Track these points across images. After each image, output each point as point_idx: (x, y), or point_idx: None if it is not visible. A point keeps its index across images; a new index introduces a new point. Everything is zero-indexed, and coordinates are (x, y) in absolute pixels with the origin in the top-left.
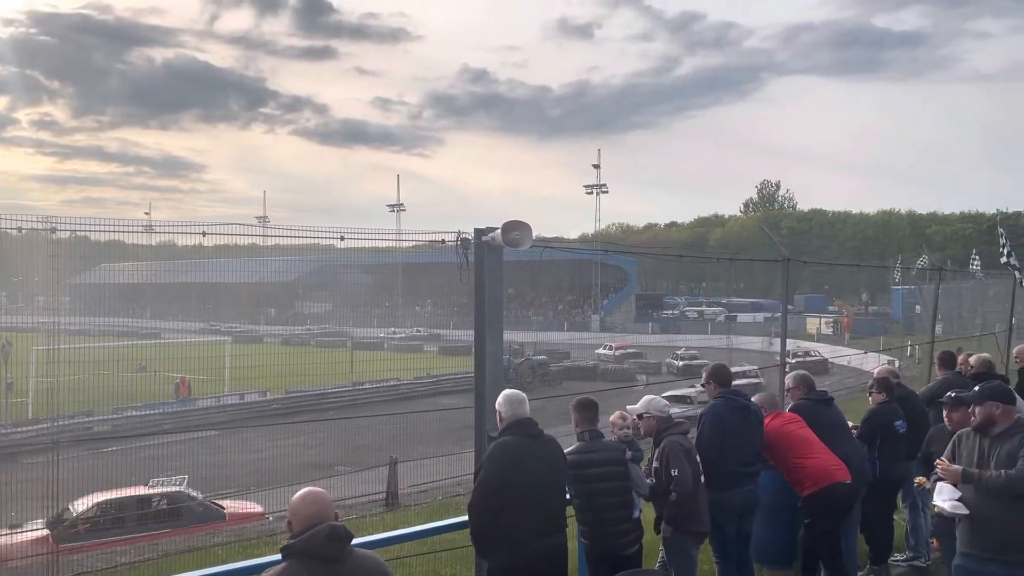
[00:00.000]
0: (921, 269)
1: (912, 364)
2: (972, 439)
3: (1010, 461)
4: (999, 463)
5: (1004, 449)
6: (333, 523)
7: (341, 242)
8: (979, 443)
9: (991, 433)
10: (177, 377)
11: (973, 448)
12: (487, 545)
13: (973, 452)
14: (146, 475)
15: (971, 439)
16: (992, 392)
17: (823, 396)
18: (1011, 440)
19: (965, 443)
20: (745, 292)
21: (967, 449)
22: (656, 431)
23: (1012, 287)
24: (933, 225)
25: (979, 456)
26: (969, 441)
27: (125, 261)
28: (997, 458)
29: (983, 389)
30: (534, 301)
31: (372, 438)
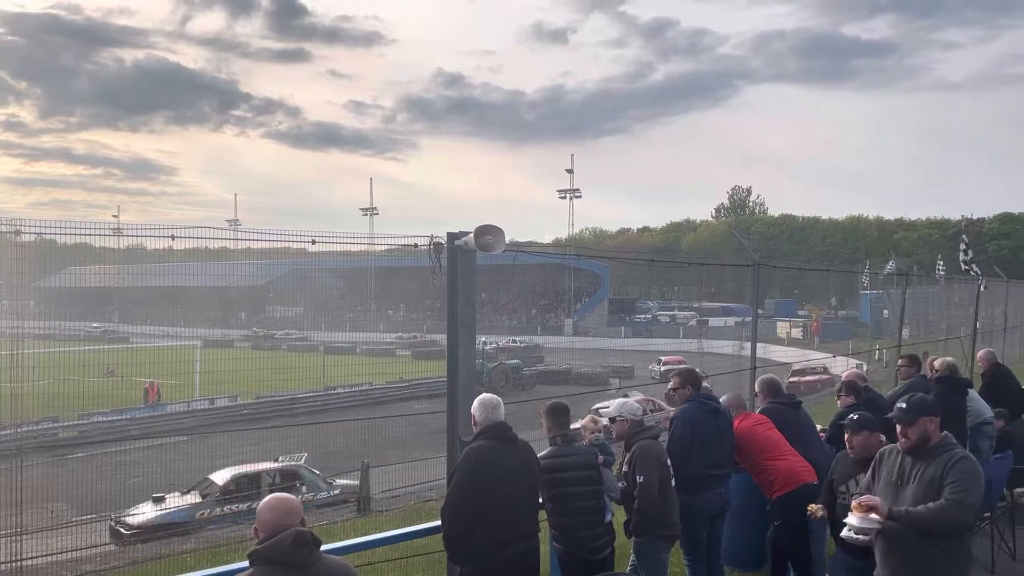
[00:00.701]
0: (889, 274)
1: (880, 368)
2: (894, 456)
3: (932, 487)
4: (921, 486)
5: (927, 472)
6: (299, 528)
7: (313, 246)
8: (900, 461)
9: (921, 452)
10: (146, 382)
11: (893, 466)
12: (460, 550)
13: (893, 470)
14: (114, 481)
15: (893, 456)
16: (922, 407)
17: (791, 399)
18: (935, 461)
19: (886, 461)
20: (716, 297)
21: (887, 468)
22: (628, 435)
23: (975, 292)
24: (900, 231)
25: (898, 476)
26: (890, 459)
27: (93, 264)
28: (919, 480)
29: (911, 406)
30: (507, 306)
31: (344, 443)
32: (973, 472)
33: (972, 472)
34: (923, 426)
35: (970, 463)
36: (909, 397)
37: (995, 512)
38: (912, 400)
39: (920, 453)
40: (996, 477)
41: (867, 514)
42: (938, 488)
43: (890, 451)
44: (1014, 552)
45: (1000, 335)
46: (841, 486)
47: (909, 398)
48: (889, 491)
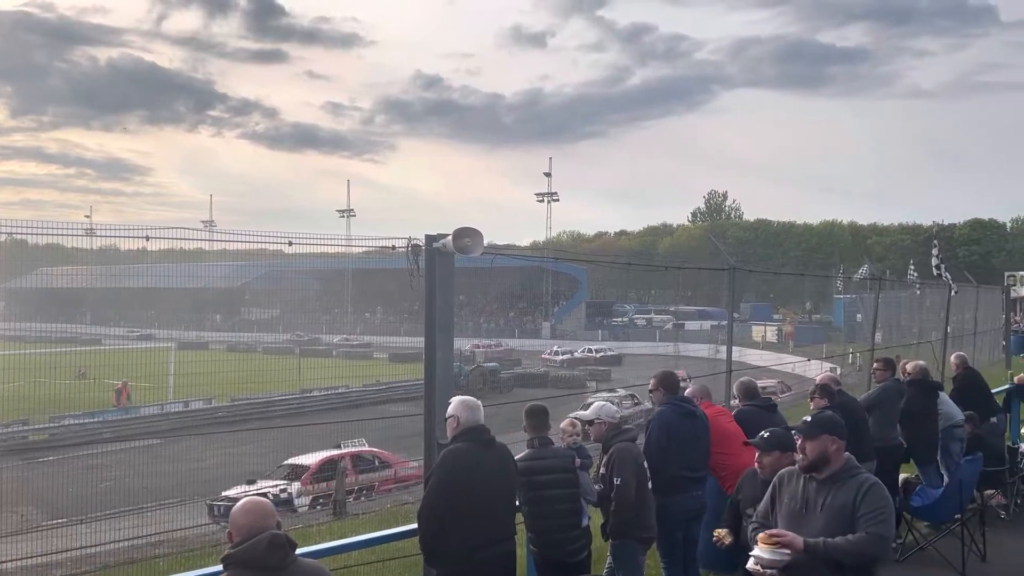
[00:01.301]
0: (862, 279)
1: (853, 371)
2: (796, 481)
3: (843, 516)
4: (830, 515)
5: (836, 499)
6: (274, 531)
7: (289, 247)
8: (803, 486)
9: (820, 475)
10: (118, 383)
11: (796, 492)
12: (436, 553)
13: (796, 497)
14: (85, 485)
15: (795, 481)
16: (826, 424)
17: (767, 403)
18: (844, 487)
19: (787, 486)
20: (692, 300)
21: (789, 494)
22: (606, 437)
23: (947, 297)
24: (873, 236)
25: (803, 503)
26: (792, 484)
27: (65, 265)
28: (828, 509)
29: (816, 420)
30: (485, 308)
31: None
32: (887, 501)
33: (887, 501)
34: (823, 444)
35: (882, 491)
36: (818, 412)
37: (965, 514)
38: (819, 416)
39: (826, 479)
40: (966, 479)
41: (776, 547)
42: (850, 518)
43: (791, 475)
44: (984, 554)
45: (970, 339)
46: (749, 508)
47: (817, 413)
48: (792, 520)
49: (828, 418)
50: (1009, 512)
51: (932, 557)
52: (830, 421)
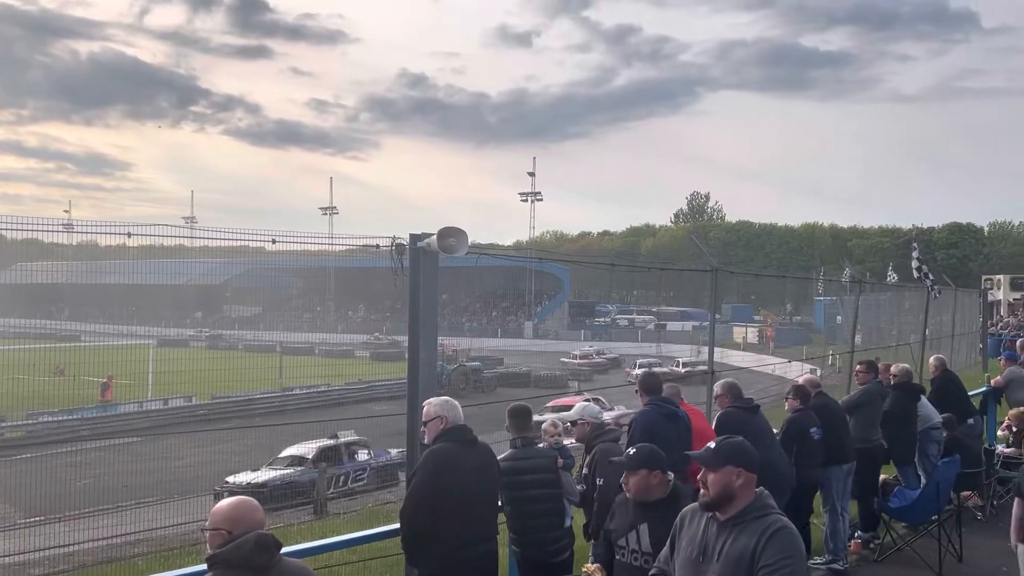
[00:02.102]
0: (843, 281)
1: (833, 373)
2: (697, 521)
3: (740, 566)
4: (727, 564)
5: (735, 545)
6: (261, 532)
7: (273, 245)
8: (704, 529)
9: (723, 515)
10: (104, 377)
11: (696, 535)
12: (418, 552)
13: (695, 541)
14: (63, 483)
15: (696, 521)
16: (732, 452)
17: (750, 404)
18: (746, 531)
19: (687, 528)
20: (675, 301)
21: (688, 536)
22: (588, 438)
23: (926, 299)
24: (854, 238)
25: (700, 549)
26: (692, 525)
27: (43, 261)
28: (725, 557)
29: (721, 447)
30: (468, 307)
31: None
32: (796, 550)
33: (795, 550)
34: (727, 477)
35: (791, 537)
36: (724, 438)
37: (942, 515)
38: (725, 442)
39: (728, 520)
40: (944, 481)
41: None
42: (748, 567)
43: (693, 514)
44: (960, 555)
45: (948, 342)
46: (620, 539)
47: (724, 439)
48: (687, 569)
49: (735, 445)
50: (985, 513)
51: (909, 557)
52: (737, 449)
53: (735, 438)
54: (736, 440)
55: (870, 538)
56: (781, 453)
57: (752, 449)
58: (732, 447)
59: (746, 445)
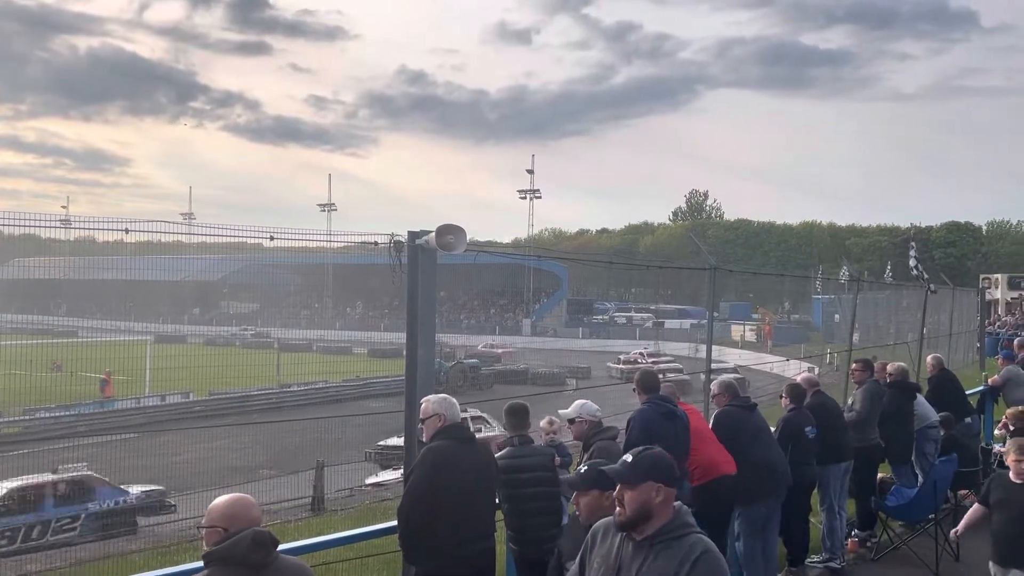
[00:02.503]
0: (842, 280)
1: (831, 371)
2: (611, 538)
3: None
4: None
5: (654, 567)
6: (257, 529)
7: (271, 242)
8: (618, 548)
9: (639, 534)
10: (104, 372)
11: (609, 554)
12: (416, 550)
13: (607, 560)
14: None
15: (609, 538)
16: (651, 466)
17: (747, 402)
18: (666, 552)
19: (600, 545)
20: (673, 299)
21: (600, 555)
22: (586, 436)
23: (923, 298)
24: (852, 237)
25: (614, 570)
26: (606, 543)
27: (40, 256)
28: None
29: (638, 462)
30: (466, 305)
31: (298, 441)
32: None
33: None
34: (646, 494)
35: (716, 562)
36: (642, 450)
37: (939, 514)
38: (642, 455)
39: (645, 539)
40: (941, 479)
41: None
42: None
43: (606, 529)
44: (957, 554)
45: (945, 341)
46: (569, 562)
47: (642, 451)
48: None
49: (654, 459)
50: None
51: (906, 556)
52: (657, 462)
53: (653, 449)
54: (655, 452)
55: (867, 536)
56: (778, 451)
57: (672, 462)
58: (651, 460)
59: (665, 457)
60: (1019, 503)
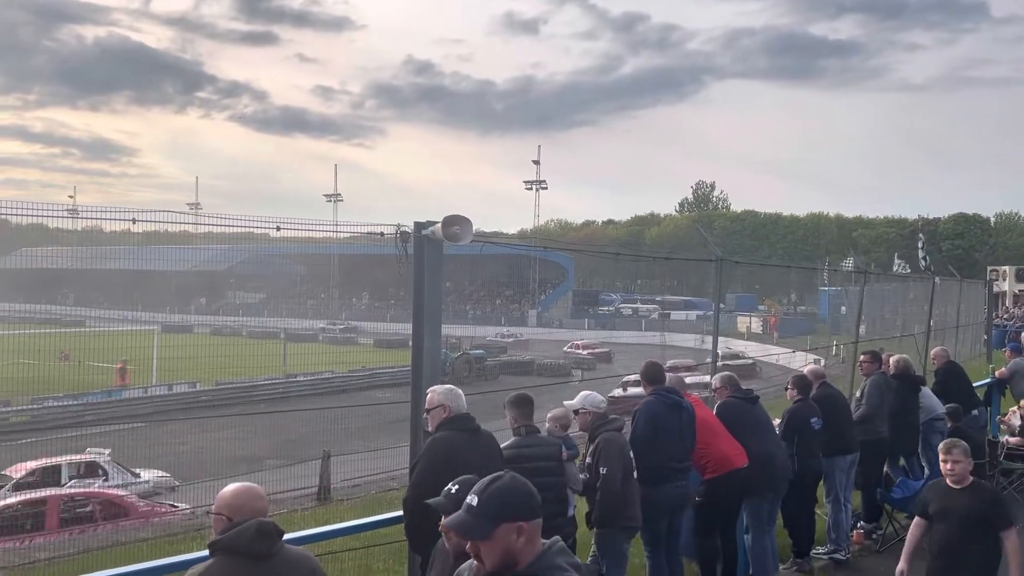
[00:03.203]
0: (848, 271)
1: (837, 363)
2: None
3: None
4: None
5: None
6: (262, 519)
7: (277, 232)
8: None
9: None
10: (119, 361)
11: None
12: (421, 540)
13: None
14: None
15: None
16: (503, 505)
17: (749, 395)
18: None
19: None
20: (678, 290)
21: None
22: (591, 427)
23: (931, 290)
24: (859, 229)
25: None
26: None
27: (48, 245)
28: None
29: (486, 502)
30: (472, 295)
31: (304, 431)
32: None
33: None
34: (505, 540)
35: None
36: (487, 484)
37: None
38: (488, 492)
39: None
40: None
41: None
42: None
43: (470, 572)
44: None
45: (952, 333)
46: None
47: (487, 486)
48: None
49: (503, 494)
50: None
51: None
52: (507, 498)
53: (501, 480)
54: (503, 484)
55: (873, 528)
56: (779, 444)
57: (526, 486)
58: (501, 497)
59: (518, 486)
60: (959, 512)
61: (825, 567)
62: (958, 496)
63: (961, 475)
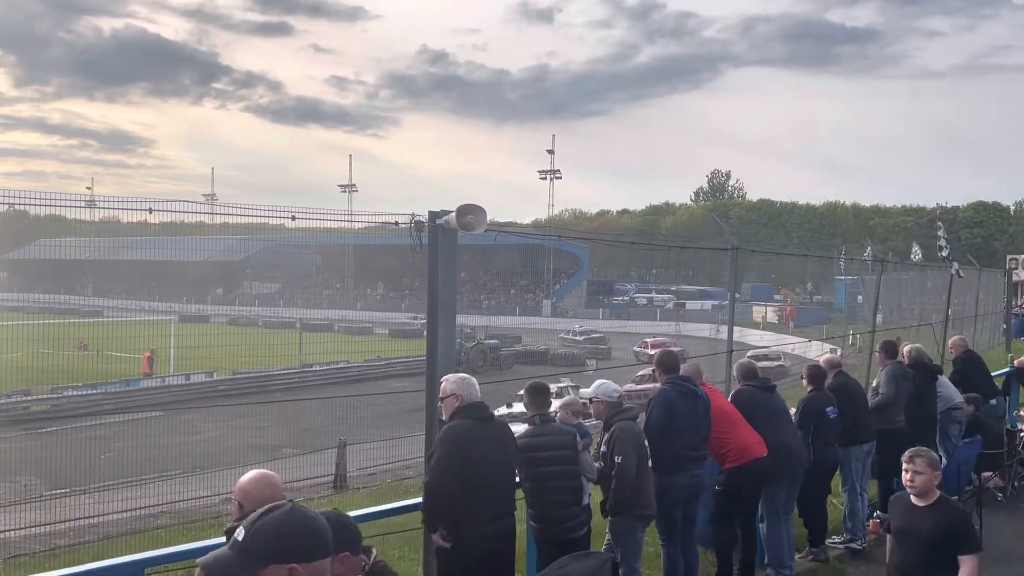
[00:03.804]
0: (865, 260)
1: (853, 353)
2: None
3: None
4: None
5: None
6: (275, 505)
7: (292, 222)
8: None
9: None
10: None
11: None
12: (438, 528)
13: None
14: (86, 456)
15: None
16: (269, 542)
17: (765, 383)
18: None
19: None
20: (694, 280)
21: None
22: (606, 416)
23: (949, 279)
24: (876, 217)
25: None
26: None
27: (66, 236)
28: None
29: (251, 539)
30: (486, 285)
31: (320, 420)
32: None
33: None
34: None
35: None
36: (257, 518)
37: (963, 496)
38: (257, 527)
39: None
40: (964, 461)
41: None
42: None
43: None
44: (980, 536)
45: (971, 322)
46: None
47: (255, 520)
48: None
49: (272, 528)
50: (1006, 495)
51: None
52: (278, 535)
53: (273, 512)
54: (273, 518)
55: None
56: (794, 432)
57: (305, 521)
58: (269, 532)
59: (291, 519)
60: (921, 532)
61: (841, 556)
62: (920, 514)
63: (923, 488)
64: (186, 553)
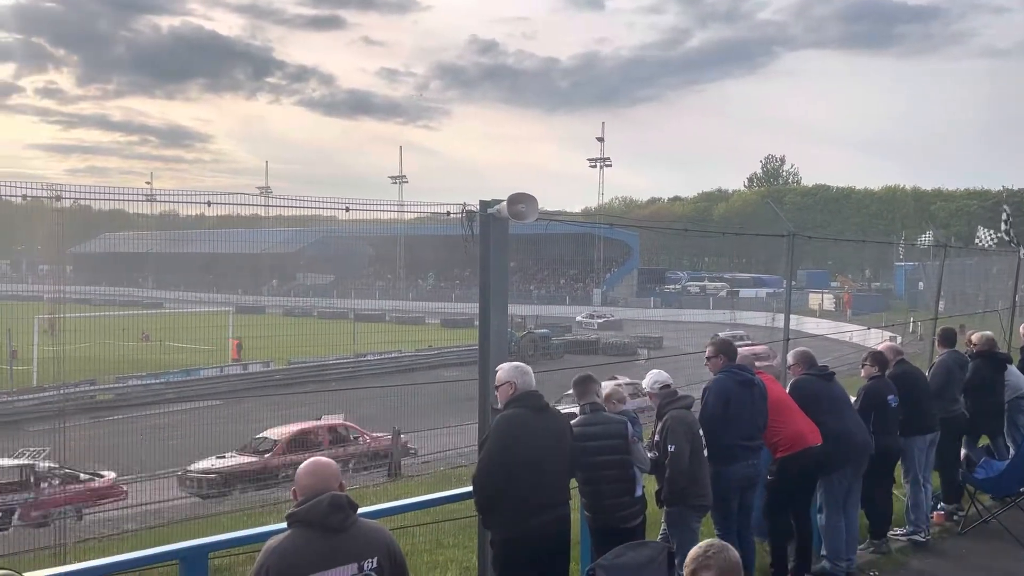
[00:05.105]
0: (925, 246)
1: (914, 340)
2: None
3: None
4: None
5: None
6: (335, 492)
7: (346, 213)
8: None
9: None
10: (233, 339)
11: None
12: (491, 516)
13: None
14: (151, 444)
15: None
16: None
17: (824, 371)
18: None
19: None
20: (747, 267)
21: None
22: (660, 405)
23: (1016, 264)
24: (938, 201)
25: None
26: None
27: (127, 230)
28: None
29: None
30: (536, 275)
31: (375, 409)
32: None
33: None
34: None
35: None
36: None
37: None
38: None
39: None
40: None
41: None
42: None
43: None
44: None
45: None
46: None
47: None
48: None
49: None
50: None
51: (996, 531)
52: None
53: None
54: None
55: (954, 510)
56: (857, 421)
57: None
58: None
59: None
60: None
61: (903, 548)
62: None
63: None
64: (248, 539)
